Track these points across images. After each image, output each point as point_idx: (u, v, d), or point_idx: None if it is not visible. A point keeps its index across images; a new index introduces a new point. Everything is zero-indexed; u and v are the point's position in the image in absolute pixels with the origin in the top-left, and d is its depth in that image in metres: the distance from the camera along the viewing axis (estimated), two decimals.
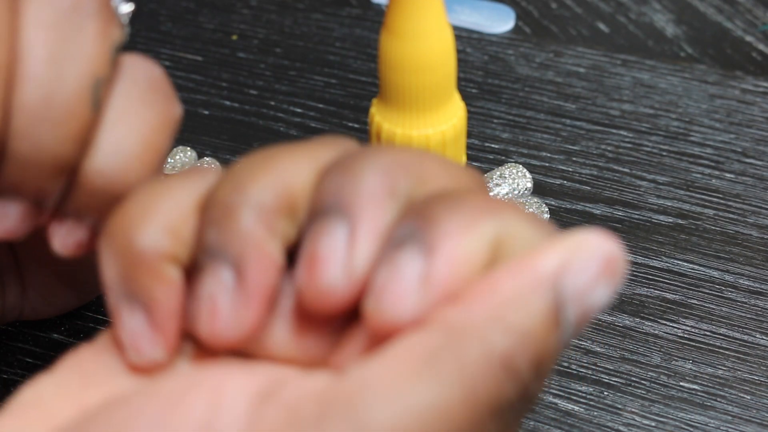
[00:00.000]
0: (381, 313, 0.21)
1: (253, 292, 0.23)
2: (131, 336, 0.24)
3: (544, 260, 0.21)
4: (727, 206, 0.45)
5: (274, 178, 0.23)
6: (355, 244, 0.22)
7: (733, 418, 0.37)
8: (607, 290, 0.21)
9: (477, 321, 0.20)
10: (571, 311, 0.21)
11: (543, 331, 0.20)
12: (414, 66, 0.30)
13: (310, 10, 0.57)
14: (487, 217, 0.22)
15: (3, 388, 0.38)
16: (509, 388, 0.20)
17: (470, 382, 0.20)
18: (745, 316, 0.41)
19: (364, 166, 0.23)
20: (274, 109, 0.51)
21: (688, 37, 0.55)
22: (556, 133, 0.49)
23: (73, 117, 0.26)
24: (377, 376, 0.20)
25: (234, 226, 0.23)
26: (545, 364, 0.21)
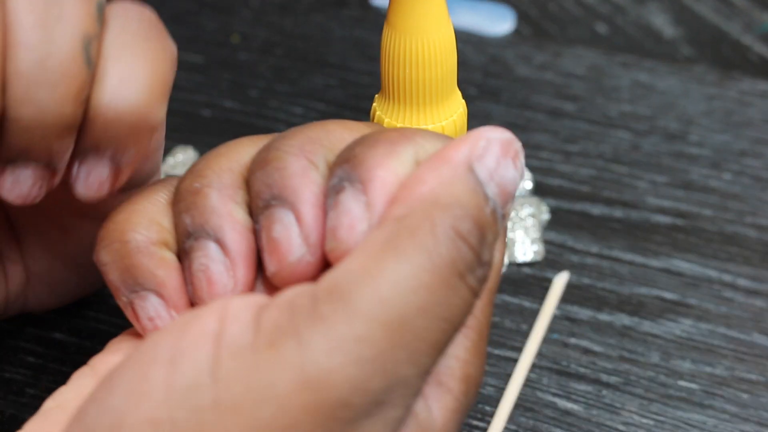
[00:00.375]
0: (340, 246, 0.25)
1: (237, 254, 0.26)
2: (151, 320, 0.27)
3: (455, 152, 0.25)
4: (725, 206, 0.46)
5: (225, 161, 0.28)
6: (302, 219, 0.26)
7: (731, 417, 0.38)
8: (513, 167, 0.25)
9: (417, 207, 0.24)
10: (491, 188, 0.25)
11: (474, 202, 0.24)
12: (415, 61, 0.31)
13: (311, 11, 0.58)
14: (402, 143, 0.26)
15: (5, 386, 0.39)
16: (463, 250, 0.24)
17: (430, 251, 0.23)
18: (742, 315, 0.41)
19: (280, 155, 0.26)
20: (275, 109, 0.51)
21: (687, 38, 0.55)
22: (555, 134, 0.49)
23: (69, 77, 0.27)
24: (352, 268, 0.23)
25: (205, 206, 0.27)
26: (487, 232, 0.24)
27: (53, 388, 0.38)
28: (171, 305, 0.27)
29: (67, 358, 0.40)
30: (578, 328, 0.41)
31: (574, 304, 0.41)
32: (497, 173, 0.25)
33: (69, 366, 0.39)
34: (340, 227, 0.25)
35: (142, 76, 0.28)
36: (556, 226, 0.45)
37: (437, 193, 0.24)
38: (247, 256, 0.27)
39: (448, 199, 0.24)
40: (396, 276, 0.23)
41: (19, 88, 0.26)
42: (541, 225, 0.44)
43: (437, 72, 0.31)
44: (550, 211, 0.45)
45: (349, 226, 0.25)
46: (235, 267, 0.26)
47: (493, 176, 0.25)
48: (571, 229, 0.45)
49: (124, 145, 0.29)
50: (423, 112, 0.32)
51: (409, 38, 0.30)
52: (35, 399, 0.38)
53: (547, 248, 0.44)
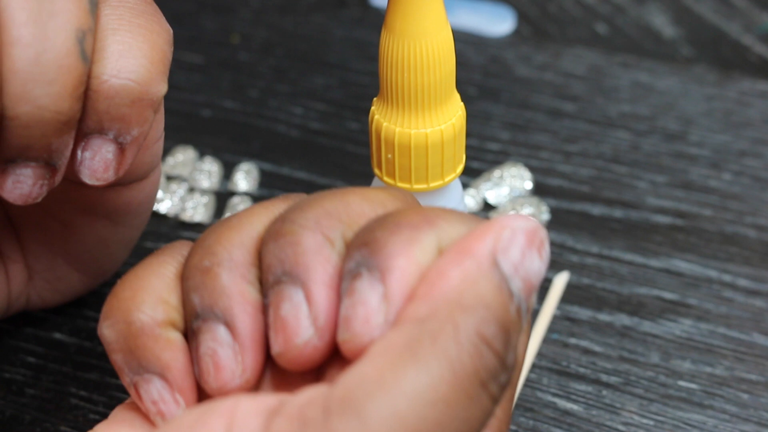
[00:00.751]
0: (353, 338, 0.23)
1: (247, 338, 0.25)
2: (154, 404, 0.26)
3: (479, 243, 0.23)
4: (724, 207, 0.46)
5: (237, 234, 0.26)
6: (312, 299, 0.24)
7: (731, 417, 0.38)
8: (539, 258, 0.24)
9: (440, 308, 0.22)
10: (516, 282, 0.23)
11: (500, 301, 0.23)
12: (414, 65, 0.31)
13: (311, 11, 0.58)
14: (425, 229, 0.24)
15: (5, 386, 0.39)
16: (488, 357, 0.22)
17: (452, 359, 0.22)
18: (742, 315, 0.41)
19: (295, 228, 0.25)
20: (275, 109, 0.51)
21: (686, 39, 0.55)
22: (555, 134, 0.49)
23: (65, 72, 0.27)
24: (367, 374, 0.21)
25: (215, 287, 0.25)
26: (512, 333, 0.23)
27: (53, 389, 0.38)
28: (176, 388, 0.26)
29: (68, 358, 0.40)
30: (578, 328, 0.41)
31: (574, 304, 0.41)
32: (522, 266, 0.23)
33: (69, 366, 0.39)
34: (355, 319, 0.23)
35: (141, 49, 0.28)
36: (556, 226, 0.45)
37: (461, 292, 0.23)
38: (256, 340, 0.25)
39: (472, 299, 0.22)
40: (413, 387, 0.21)
41: (15, 85, 0.26)
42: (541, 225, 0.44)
43: (436, 75, 0.31)
44: (550, 211, 0.45)
45: (365, 319, 0.23)
46: (243, 352, 0.25)
47: (518, 269, 0.23)
48: (571, 229, 0.45)
49: (127, 122, 0.28)
50: (422, 116, 0.32)
51: (408, 42, 0.30)
52: (35, 399, 0.38)
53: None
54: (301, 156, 0.49)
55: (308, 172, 0.48)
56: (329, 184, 0.47)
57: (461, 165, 0.34)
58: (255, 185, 0.47)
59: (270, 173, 0.48)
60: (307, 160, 0.48)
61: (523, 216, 0.24)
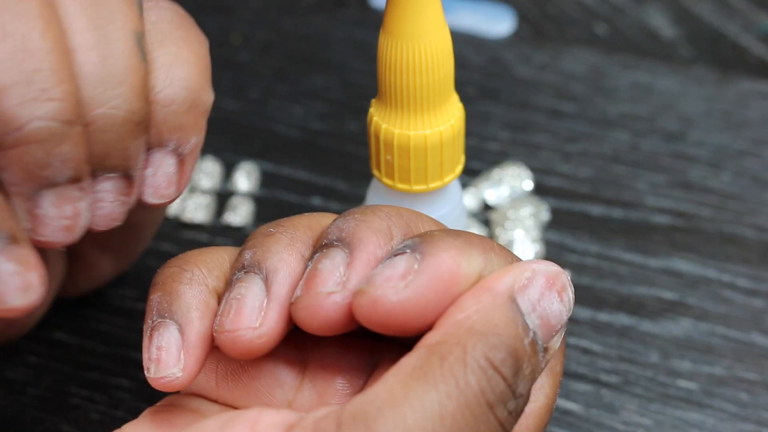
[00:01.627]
0: (368, 290, 0.24)
1: (277, 299, 0.26)
2: (158, 349, 0.27)
3: (498, 281, 0.24)
4: (724, 207, 0.46)
5: (307, 220, 0.28)
6: (353, 266, 0.25)
7: (730, 416, 0.38)
8: (559, 301, 0.25)
9: (451, 333, 0.23)
10: (533, 319, 0.24)
11: (513, 332, 0.24)
12: (412, 66, 0.31)
13: (311, 11, 0.58)
14: (478, 248, 0.25)
15: (6, 386, 0.39)
16: (495, 380, 0.23)
17: (458, 378, 0.22)
18: (741, 315, 0.41)
19: (366, 211, 0.27)
20: (275, 109, 0.51)
21: (686, 39, 0.55)
22: (554, 134, 0.49)
23: (131, 72, 0.27)
24: (379, 393, 0.22)
25: (270, 247, 0.26)
26: (524, 363, 0.24)
27: (54, 388, 0.39)
28: (185, 346, 0.27)
29: (69, 357, 0.40)
30: (577, 328, 0.41)
31: (574, 304, 0.42)
32: (540, 305, 0.24)
33: (70, 366, 0.39)
34: (379, 275, 0.24)
35: (188, 58, 0.29)
36: (555, 226, 0.45)
37: (474, 321, 0.23)
38: (284, 305, 0.26)
39: (484, 326, 0.23)
40: (421, 403, 0.22)
41: (87, 90, 0.26)
42: (541, 225, 0.45)
43: (434, 77, 0.31)
44: (550, 211, 0.45)
45: (387, 278, 0.24)
46: (268, 310, 0.26)
47: (536, 308, 0.24)
48: (571, 229, 0.45)
49: (185, 130, 0.29)
50: (420, 117, 0.32)
51: (406, 43, 0.30)
52: (36, 399, 0.38)
53: (546, 248, 0.44)
54: (302, 156, 0.49)
55: (308, 172, 0.48)
56: (329, 184, 0.47)
57: (460, 165, 0.34)
58: (255, 185, 0.47)
59: (270, 173, 0.48)
60: (307, 160, 0.48)
61: (547, 261, 0.25)
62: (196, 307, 0.27)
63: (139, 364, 0.39)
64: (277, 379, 0.28)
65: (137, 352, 0.40)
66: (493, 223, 0.45)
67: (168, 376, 0.27)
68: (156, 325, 0.27)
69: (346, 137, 0.50)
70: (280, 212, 0.46)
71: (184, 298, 0.27)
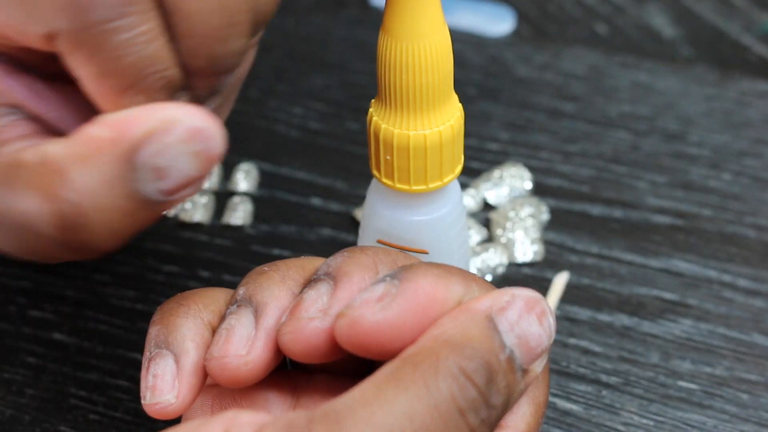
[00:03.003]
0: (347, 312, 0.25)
1: (265, 332, 0.27)
2: (154, 377, 0.28)
3: (477, 303, 0.25)
4: (724, 207, 0.46)
5: (301, 261, 0.29)
6: (336, 296, 0.26)
7: (731, 417, 0.38)
8: (538, 324, 0.25)
9: (427, 345, 0.24)
10: (510, 338, 0.25)
11: (487, 346, 0.24)
12: (411, 67, 0.31)
13: (311, 11, 0.57)
14: (457, 277, 0.26)
15: (5, 387, 0.39)
16: (466, 388, 0.23)
17: (428, 383, 0.23)
18: (742, 315, 0.41)
19: (355, 250, 0.28)
20: (275, 109, 0.51)
21: (686, 39, 0.55)
22: (554, 134, 0.49)
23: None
24: (353, 395, 0.23)
25: (262, 282, 0.28)
26: (498, 376, 0.24)
27: (53, 389, 0.38)
28: (180, 375, 0.28)
29: (67, 358, 0.40)
30: (578, 329, 0.41)
31: (574, 305, 0.41)
32: (518, 326, 0.25)
33: (69, 367, 0.39)
34: (358, 299, 0.26)
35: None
36: (555, 226, 0.45)
37: (449, 335, 0.24)
38: (273, 336, 0.27)
39: (459, 339, 0.24)
40: (391, 404, 0.23)
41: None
42: (541, 225, 0.44)
43: (434, 77, 0.31)
44: (550, 211, 0.45)
45: (365, 300, 0.25)
46: (256, 339, 0.27)
47: (514, 328, 0.25)
48: (571, 229, 0.45)
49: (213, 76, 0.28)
50: (420, 117, 0.32)
51: (405, 43, 0.30)
52: (35, 399, 0.38)
53: (546, 248, 0.44)
54: (301, 156, 0.49)
55: (308, 172, 0.48)
56: (329, 184, 0.47)
57: (460, 166, 0.34)
58: (255, 185, 0.47)
59: (270, 173, 0.48)
60: (306, 160, 0.48)
61: (527, 288, 0.26)
62: (191, 339, 0.28)
63: (137, 365, 0.39)
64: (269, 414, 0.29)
65: (136, 353, 0.40)
66: (493, 223, 0.44)
67: (162, 402, 0.27)
68: (153, 356, 0.28)
69: (345, 137, 0.50)
70: (280, 212, 0.46)
71: (181, 330, 0.28)
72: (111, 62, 0.25)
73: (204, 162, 0.25)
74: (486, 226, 0.45)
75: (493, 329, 0.25)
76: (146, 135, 0.25)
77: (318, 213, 0.46)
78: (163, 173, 0.25)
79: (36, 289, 0.42)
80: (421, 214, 0.35)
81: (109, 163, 0.25)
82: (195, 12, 0.26)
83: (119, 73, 0.26)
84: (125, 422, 0.37)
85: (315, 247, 0.44)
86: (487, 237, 0.44)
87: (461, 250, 0.37)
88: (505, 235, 0.44)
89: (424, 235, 0.35)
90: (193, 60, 0.27)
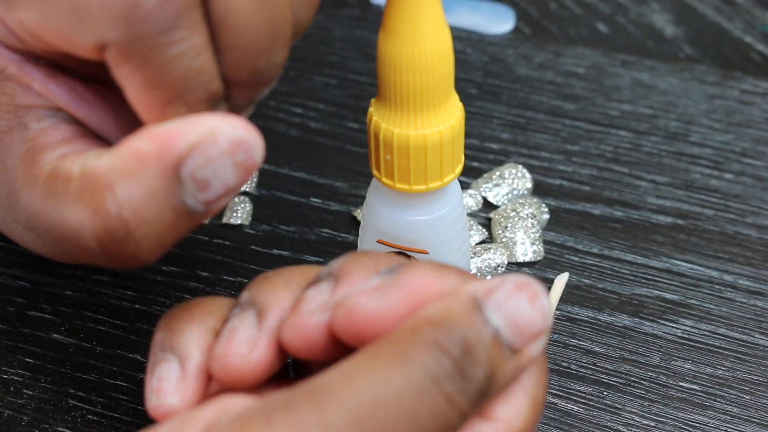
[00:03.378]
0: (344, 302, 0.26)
1: (267, 332, 0.27)
2: (159, 380, 0.28)
3: (464, 287, 0.25)
4: (726, 206, 0.45)
5: (305, 268, 0.29)
6: (335, 291, 0.27)
7: (732, 418, 0.37)
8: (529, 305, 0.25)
9: (408, 323, 0.24)
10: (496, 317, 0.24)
11: (467, 321, 0.24)
12: (412, 66, 0.30)
13: None
14: (455, 273, 0.26)
15: (4, 387, 0.39)
16: (440, 358, 0.23)
17: (405, 354, 0.23)
18: (744, 316, 0.41)
19: (360, 252, 0.28)
20: (274, 109, 0.51)
21: (688, 38, 0.55)
22: (555, 134, 0.49)
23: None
24: (332, 371, 0.24)
25: (266, 287, 0.28)
26: (477, 349, 0.24)
27: (52, 389, 0.38)
28: (184, 378, 0.28)
29: (66, 359, 0.39)
30: (579, 329, 0.40)
31: (575, 305, 0.41)
32: (506, 305, 0.25)
33: (68, 367, 0.39)
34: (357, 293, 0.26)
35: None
36: (556, 226, 0.45)
37: (431, 313, 0.24)
38: (275, 336, 0.27)
39: (439, 316, 0.24)
40: (369, 373, 0.23)
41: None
42: (541, 225, 0.44)
43: (434, 76, 0.31)
44: (550, 211, 0.45)
45: (362, 291, 0.26)
46: (259, 339, 0.27)
47: (501, 307, 0.25)
48: (572, 229, 0.45)
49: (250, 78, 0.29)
50: (420, 117, 0.32)
51: (406, 43, 0.30)
52: (33, 400, 0.38)
53: (547, 248, 0.44)
54: (301, 156, 0.48)
55: (307, 172, 0.48)
56: (329, 184, 0.47)
57: (460, 165, 0.34)
58: (254, 185, 0.47)
59: (269, 173, 0.48)
60: (306, 160, 0.48)
61: (520, 274, 0.26)
62: (195, 343, 0.28)
63: (137, 366, 0.39)
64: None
65: (135, 353, 0.40)
66: (493, 223, 0.44)
67: (166, 405, 0.27)
68: (158, 360, 0.28)
69: (345, 137, 0.49)
70: (279, 212, 0.45)
71: (185, 335, 0.28)
72: (159, 74, 0.26)
73: (246, 171, 0.26)
74: (486, 226, 0.45)
75: (476, 308, 0.24)
76: (191, 148, 0.25)
77: (318, 213, 0.46)
78: (207, 185, 0.25)
79: (35, 289, 0.42)
80: (421, 214, 0.34)
81: (154, 177, 0.25)
82: (242, 26, 0.26)
83: (166, 85, 0.26)
84: (124, 423, 0.37)
85: (315, 247, 0.44)
86: (487, 237, 0.44)
87: (461, 250, 0.37)
88: (505, 235, 0.43)
89: (424, 235, 0.35)
90: (236, 72, 0.27)
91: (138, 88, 0.26)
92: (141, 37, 0.25)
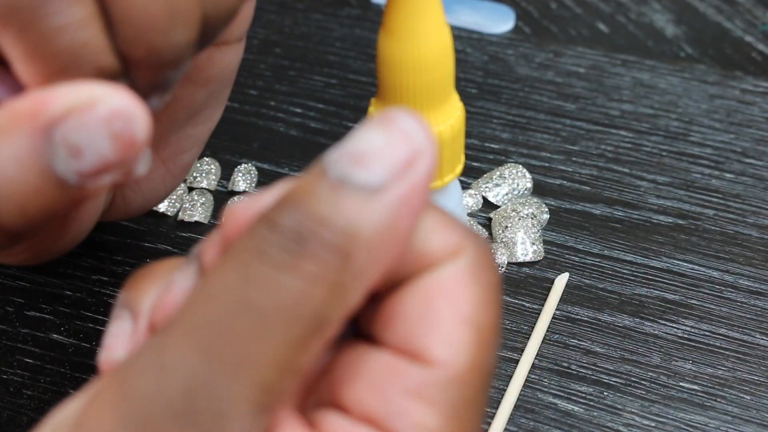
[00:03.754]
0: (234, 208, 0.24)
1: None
2: (111, 336, 0.26)
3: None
4: (726, 206, 0.45)
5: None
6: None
7: (733, 418, 0.37)
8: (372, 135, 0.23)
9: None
10: (337, 162, 0.23)
11: (281, 191, 0.23)
12: (412, 66, 0.30)
13: (310, 10, 0.57)
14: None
15: (3, 388, 0.38)
16: (263, 231, 0.22)
17: (229, 260, 0.22)
18: (744, 316, 0.41)
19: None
20: (274, 109, 0.51)
21: (688, 37, 0.55)
22: (555, 133, 0.49)
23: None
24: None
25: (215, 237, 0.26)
26: (295, 200, 0.23)
27: (51, 390, 0.38)
28: (134, 336, 0.27)
29: (65, 359, 0.39)
30: (579, 329, 0.40)
31: (575, 305, 0.41)
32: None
33: (67, 367, 0.39)
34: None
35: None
36: (556, 226, 0.45)
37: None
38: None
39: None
40: (200, 296, 0.22)
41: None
42: (541, 225, 0.44)
43: (434, 76, 0.31)
44: (550, 211, 0.45)
45: (237, 207, 0.25)
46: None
47: (341, 155, 0.23)
48: (572, 229, 0.44)
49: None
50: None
51: (406, 43, 0.30)
52: (33, 400, 0.38)
53: (547, 248, 0.44)
54: (301, 155, 0.48)
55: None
56: None
57: (460, 165, 0.34)
58: (254, 185, 0.47)
59: (269, 173, 0.47)
60: (306, 160, 0.48)
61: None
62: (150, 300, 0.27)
63: None
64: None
65: None
66: (494, 222, 0.44)
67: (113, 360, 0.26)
68: (114, 317, 0.27)
69: (345, 136, 0.49)
70: None
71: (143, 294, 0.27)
72: (39, 46, 0.25)
73: (124, 145, 0.24)
74: (486, 226, 0.45)
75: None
76: (67, 111, 0.24)
77: None
78: (79, 152, 0.24)
79: (34, 289, 0.42)
80: None
81: (25, 136, 0.24)
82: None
83: (48, 58, 0.25)
84: None
85: None
86: (487, 237, 0.44)
87: None
88: (506, 235, 0.43)
89: None
90: (130, 49, 0.26)
91: (20, 60, 0.25)
92: (18, 6, 0.24)
